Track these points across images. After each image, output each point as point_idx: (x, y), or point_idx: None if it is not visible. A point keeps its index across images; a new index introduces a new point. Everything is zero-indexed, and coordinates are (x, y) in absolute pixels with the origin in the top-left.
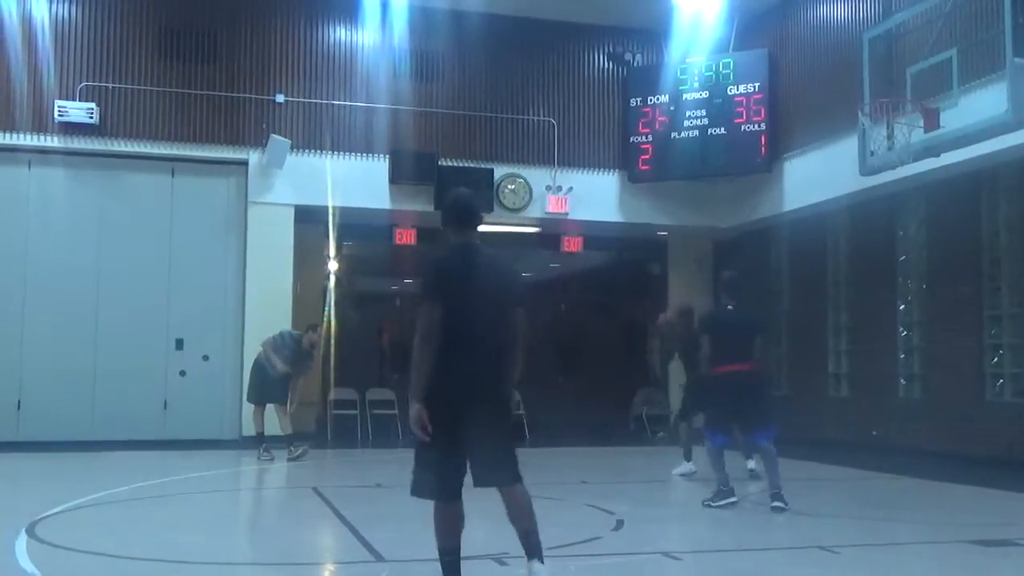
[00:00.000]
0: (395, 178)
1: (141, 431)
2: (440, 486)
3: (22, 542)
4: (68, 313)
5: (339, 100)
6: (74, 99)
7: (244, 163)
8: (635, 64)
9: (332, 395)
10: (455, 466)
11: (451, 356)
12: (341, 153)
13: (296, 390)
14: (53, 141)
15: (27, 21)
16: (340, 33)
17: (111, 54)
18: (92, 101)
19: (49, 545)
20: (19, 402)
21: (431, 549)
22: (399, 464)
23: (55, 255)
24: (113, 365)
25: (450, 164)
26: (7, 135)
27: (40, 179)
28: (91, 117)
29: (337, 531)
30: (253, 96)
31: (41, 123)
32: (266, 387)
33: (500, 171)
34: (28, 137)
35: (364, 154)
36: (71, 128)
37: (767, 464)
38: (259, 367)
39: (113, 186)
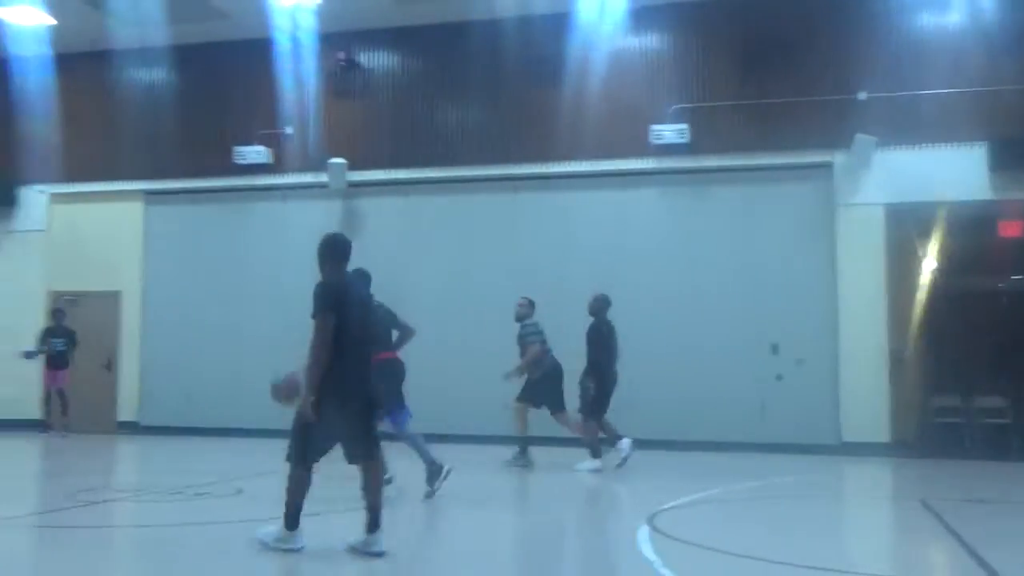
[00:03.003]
0: (995, 166)
1: (739, 433)
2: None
3: (644, 532)
4: (659, 323)
5: (926, 89)
6: (666, 122)
7: (828, 166)
8: None
9: (935, 401)
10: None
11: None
12: (931, 145)
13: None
14: (648, 163)
15: (621, 52)
16: (923, 18)
17: (698, 75)
18: (684, 122)
19: (666, 536)
20: (634, 401)
21: None
22: (1009, 479)
23: (645, 272)
24: (712, 368)
25: None
26: (612, 162)
27: (636, 200)
28: (683, 138)
29: (949, 548)
30: (833, 97)
31: (639, 147)
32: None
33: None
34: (629, 162)
35: (958, 143)
36: (666, 149)
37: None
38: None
39: (701, 201)
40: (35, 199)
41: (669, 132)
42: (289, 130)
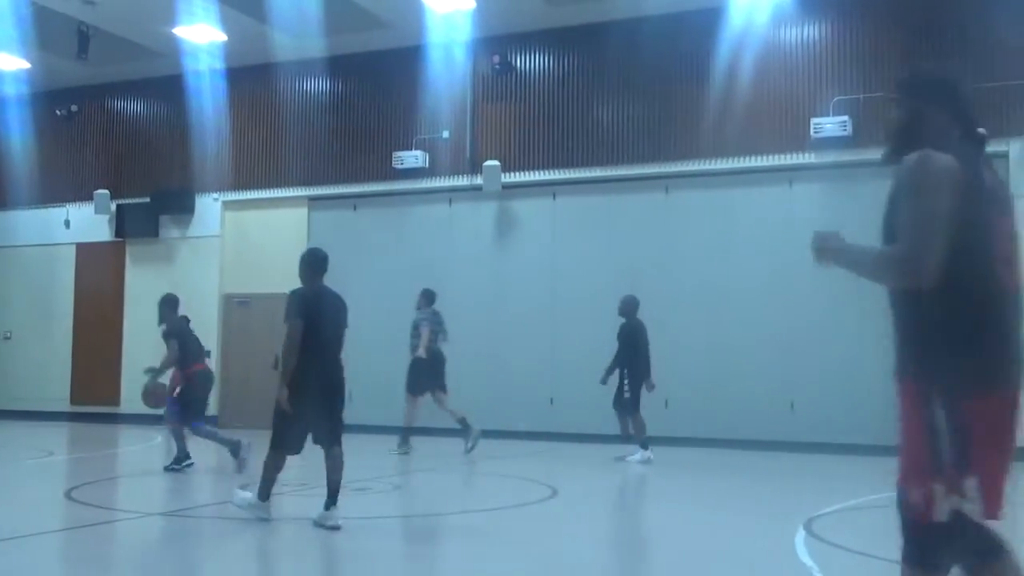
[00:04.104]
0: None
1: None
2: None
3: (801, 536)
4: (819, 323)
5: None
6: (827, 115)
7: (1003, 156)
8: None
9: None
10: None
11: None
12: None
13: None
14: (808, 158)
15: (777, 44)
16: None
17: (861, 63)
18: (845, 115)
19: (824, 542)
20: (791, 403)
21: None
22: None
23: (805, 269)
24: (872, 371)
25: None
26: (769, 157)
27: (799, 196)
28: (845, 130)
29: None
30: (1008, 82)
31: (797, 142)
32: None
33: None
34: (787, 157)
35: None
36: (827, 143)
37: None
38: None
39: (864, 196)
40: (209, 206)
41: (830, 125)
42: (445, 134)
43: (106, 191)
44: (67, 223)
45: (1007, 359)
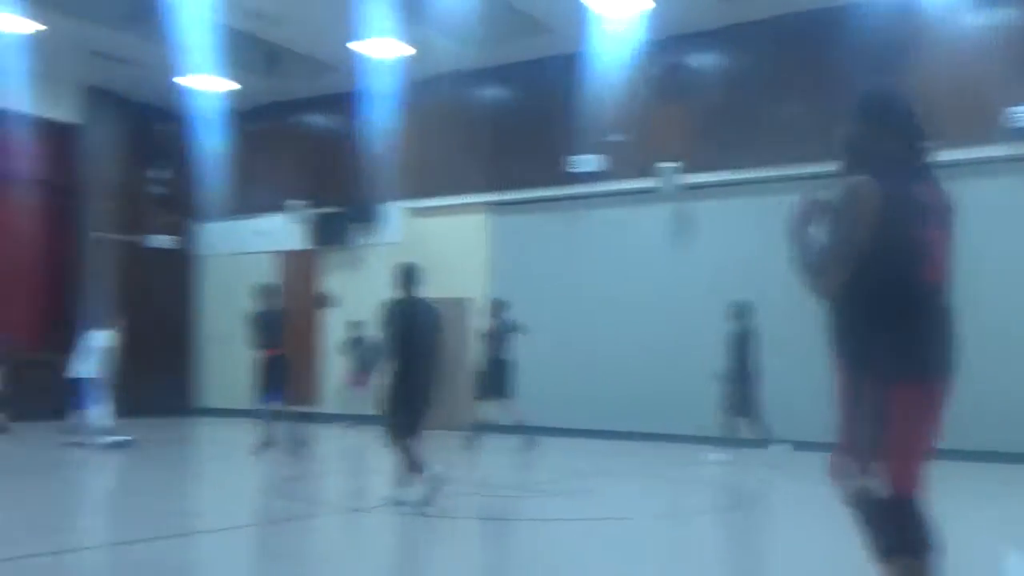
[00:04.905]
0: None
1: None
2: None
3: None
4: (1008, 327)
5: None
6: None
7: None
8: None
9: None
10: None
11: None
12: None
13: None
14: (1000, 150)
15: (966, 29)
16: None
17: None
18: None
19: None
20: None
21: None
22: None
23: (996, 268)
24: None
25: None
26: (956, 151)
27: (984, 191)
28: None
29: None
30: None
31: (988, 132)
32: None
33: None
34: (973, 150)
35: None
36: (1020, 133)
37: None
38: None
39: None
40: (392, 215)
41: None
42: (620, 137)
43: (303, 202)
44: (268, 232)
45: (927, 353)
